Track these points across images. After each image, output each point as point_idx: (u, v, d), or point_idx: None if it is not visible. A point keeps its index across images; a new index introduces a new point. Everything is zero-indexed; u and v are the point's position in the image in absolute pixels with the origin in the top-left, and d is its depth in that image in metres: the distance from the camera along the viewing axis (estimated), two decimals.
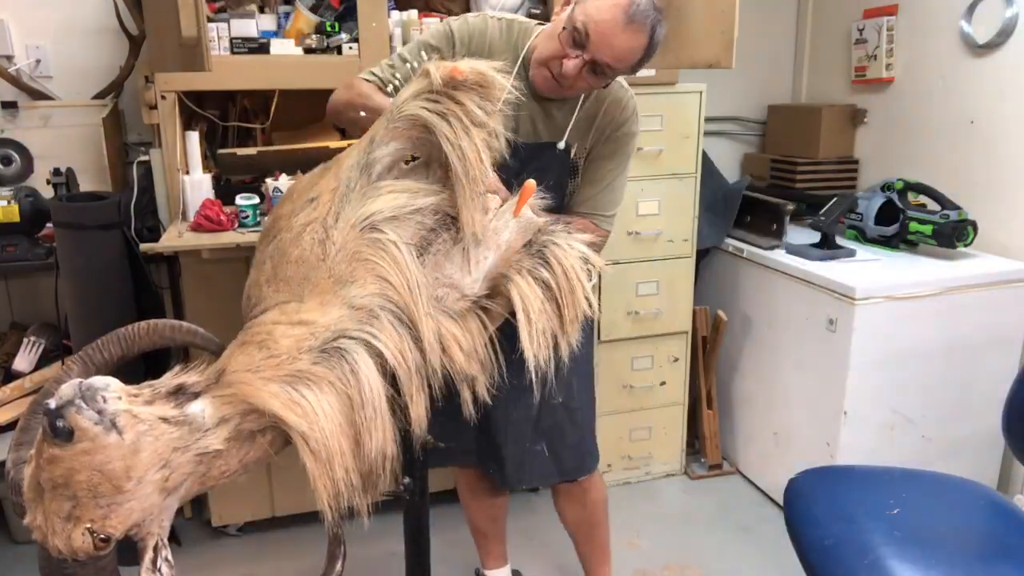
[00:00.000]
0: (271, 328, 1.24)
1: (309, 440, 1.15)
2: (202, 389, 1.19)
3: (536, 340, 1.37)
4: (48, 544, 1.07)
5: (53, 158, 2.55)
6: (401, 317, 1.26)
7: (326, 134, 2.60)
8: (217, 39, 2.23)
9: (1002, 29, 2.50)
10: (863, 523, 1.56)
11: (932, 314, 2.39)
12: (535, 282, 1.38)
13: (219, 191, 2.29)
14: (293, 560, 2.48)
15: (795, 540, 1.61)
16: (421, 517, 1.74)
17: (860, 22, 3.02)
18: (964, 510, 1.66)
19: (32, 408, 1.25)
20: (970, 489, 1.72)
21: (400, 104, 1.35)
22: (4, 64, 2.55)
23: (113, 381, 1.10)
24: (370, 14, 2.31)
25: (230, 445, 1.17)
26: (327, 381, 1.19)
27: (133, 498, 1.07)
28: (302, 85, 2.34)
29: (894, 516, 1.58)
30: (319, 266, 1.29)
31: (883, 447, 2.45)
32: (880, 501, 1.63)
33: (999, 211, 2.59)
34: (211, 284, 2.30)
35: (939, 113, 2.79)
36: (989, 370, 2.51)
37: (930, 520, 1.59)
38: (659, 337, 2.79)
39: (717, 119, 3.35)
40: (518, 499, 2.80)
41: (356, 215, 1.31)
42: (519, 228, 1.45)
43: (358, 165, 1.36)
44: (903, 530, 1.54)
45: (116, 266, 2.23)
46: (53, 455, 1.03)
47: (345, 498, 1.19)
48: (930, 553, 1.49)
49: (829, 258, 2.57)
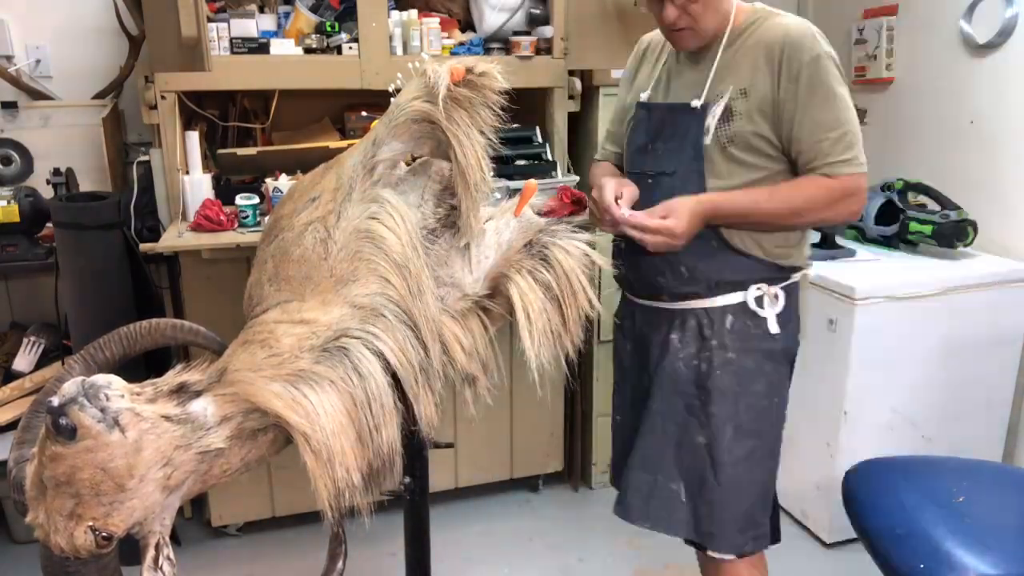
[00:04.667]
0: (273, 327, 1.24)
1: (311, 440, 1.15)
2: (204, 388, 1.19)
3: (536, 340, 1.37)
4: (50, 542, 1.07)
5: (53, 158, 2.55)
6: (403, 316, 1.26)
7: (326, 134, 2.60)
8: (217, 39, 2.23)
9: (1002, 29, 2.50)
10: (932, 512, 1.59)
11: (932, 314, 2.39)
12: (536, 283, 1.38)
13: (219, 191, 2.29)
14: (293, 560, 2.48)
15: (861, 530, 1.65)
16: (421, 517, 1.74)
17: (860, 22, 3.02)
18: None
19: (35, 406, 1.25)
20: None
21: (401, 104, 1.35)
22: (4, 64, 2.54)
23: (116, 379, 1.10)
24: (370, 14, 2.31)
25: (232, 443, 1.17)
26: (329, 380, 1.19)
27: (135, 496, 1.08)
28: (302, 85, 2.35)
29: (960, 505, 1.60)
30: (321, 265, 1.29)
31: (883, 447, 2.44)
32: (944, 490, 1.66)
33: (999, 211, 2.59)
34: (211, 284, 2.30)
35: (939, 113, 2.79)
36: (989, 370, 2.51)
37: (995, 508, 1.62)
38: None
39: None
40: (518, 499, 2.80)
41: (359, 215, 1.31)
42: (520, 228, 1.45)
43: (360, 165, 1.36)
44: (970, 518, 1.56)
45: (116, 266, 2.23)
46: (56, 453, 1.03)
47: (346, 497, 1.19)
48: (999, 541, 1.51)
49: (829, 258, 2.57)
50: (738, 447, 1.55)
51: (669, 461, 1.58)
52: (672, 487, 1.58)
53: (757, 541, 1.61)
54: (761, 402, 1.56)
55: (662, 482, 1.58)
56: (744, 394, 1.54)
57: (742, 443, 1.55)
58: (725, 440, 1.54)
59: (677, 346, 1.56)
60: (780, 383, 1.61)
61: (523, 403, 2.64)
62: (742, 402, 1.54)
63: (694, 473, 1.56)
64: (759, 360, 1.55)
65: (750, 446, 1.56)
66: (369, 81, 2.36)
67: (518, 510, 2.73)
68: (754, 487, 1.59)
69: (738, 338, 1.53)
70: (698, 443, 1.56)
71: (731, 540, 1.57)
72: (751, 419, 1.56)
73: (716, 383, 1.53)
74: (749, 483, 1.58)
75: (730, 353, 1.53)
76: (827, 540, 2.54)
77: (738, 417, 1.55)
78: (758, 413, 1.57)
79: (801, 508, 2.66)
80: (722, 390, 1.53)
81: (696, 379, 1.55)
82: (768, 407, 1.58)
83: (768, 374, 1.57)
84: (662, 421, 1.58)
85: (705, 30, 1.49)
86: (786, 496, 2.73)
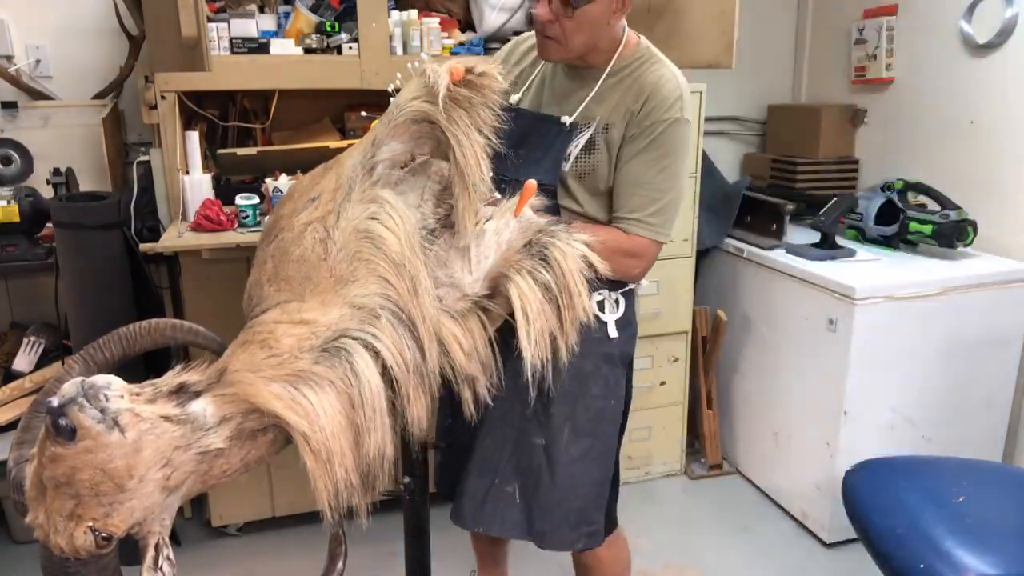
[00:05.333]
0: (272, 327, 1.24)
1: (310, 440, 1.15)
2: (204, 388, 1.19)
3: (535, 340, 1.37)
4: (50, 543, 1.07)
5: (53, 158, 2.55)
6: (401, 317, 1.26)
7: (326, 134, 2.60)
8: (217, 39, 2.23)
9: (1002, 29, 2.50)
10: (931, 511, 1.60)
11: (932, 314, 2.39)
12: (536, 283, 1.38)
13: (219, 191, 2.29)
14: (293, 560, 2.48)
15: (862, 529, 1.66)
16: (421, 517, 1.74)
17: (860, 22, 3.03)
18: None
19: (34, 407, 1.25)
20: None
21: (401, 104, 1.35)
22: (4, 64, 2.54)
23: (115, 380, 1.10)
24: (370, 14, 2.31)
25: (232, 444, 1.17)
26: (328, 381, 1.19)
27: (135, 496, 1.07)
28: (302, 85, 2.35)
29: (960, 504, 1.61)
30: (320, 265, 1.29)
31: (883, 447, 2.45)
32: (944, 489, 1.67)
33: (999, 211, 2.59)
34: (211, 284, 2.30)
35: (939, 113, 2.79)
36: (989, 370, 2.51)
37: (995, 508, 1.63)
38: (659, 337, 2.79)
39: (717, 119, 3.35)
40: None
41: (358, 215, 1.31)
42: (520, 228, 1.45)
43: (360, 165, 1.36)
44: (971, 518, 1.57)
45: (116, 266, 2.23)
46: (55, 453, 1.03)
47: (345, 498, 1.19)
48: (999, 541, 1.52)
49: (829, 258, 2.57)
50: (574, 446, 1.58)
51: (505, 464, 1.59)
52: (507, 489, 1.60)
53: (590, 538, 1.65)
54: (598, 403, 1.60)
55: (498, 485, 1.59)
56: (582, 395, 1.57)
57: (578, 442, 1.58)
58: (562, 440, 1.57)
59: None
60: (617, 385, 1.64)
61: None
62: (580, 403, 1.57)
63: (530, 474, 1.58)
64: (597, 362, 1.58)
65: (586, 445, 1.59)
66: (369, 81, 2.36)
67: None
68: (589, 487, 1.62)
69: (578, 341, 1.45)
70: (535, 444, 1.57)
71: (563, 537, 1.61)
72: (588, 419, 1.59)
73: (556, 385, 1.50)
74: (584, 482, 1.61)
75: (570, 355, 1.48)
76: (827, 540, 2.54)
77: (576, 418, 1.57)
78: (595, 414, 1.60)
79: (801, 508, 2.66)
80: (562, 392, 1.53)
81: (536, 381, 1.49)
82: (604, 408, 1.61)
83: (606, 376, 1.60)
84: (499, 427, 1.58)
85: (572, 48, 1.48)
86: (786, 496, 2.74)
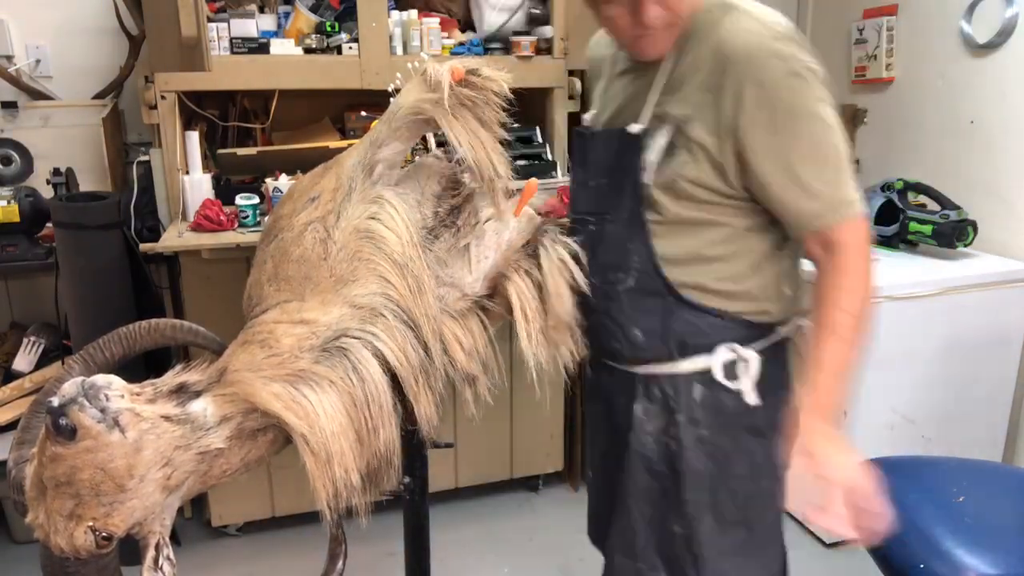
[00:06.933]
0: (272, 327, 1.24)
1: (309, 440, 1.15)
2: (204, 388, 1.19)
3: (534, 340, 1.37)
4: (50, 542, 1.07)
5: (53, 158, 2.55)
6: (403, 316, 1.26)
7: (326, 134, 2.60)
8: (217, 39, 2.24)
9: (1002, 29, 2.50)
10: (931, 512, 1.59)
11: (932, 314, 2.39)
12: (532, 283, 1.38)
13: (219, 191, 2.29)
14: (293, 560, 2.48)
15: None
16: (421, 517, 1.74)
17: (860, 22, 3.02)
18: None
19: (34, 406, 1.25)
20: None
21: (401, 104, 1.35)
22: (4, 64, 2.54)
23: (115, 379, 1.10)
24: (370, 14, 2.31)
25: (232, 444, 1.17)
26: (328, 380, 1.19)
27: (135, 496, 1.07)
28: (302, 85, 2.35)
29: (960, 504, 1.61)
30: (320, 265, 1.29)
31: (883, 447, 2.44)
32: (944, 489, 1.66)
33: (999, 211, 2.59)
34: (211, 284, 2.30)
35: (939, 113, 2.78)
36: (989, 370, 2.51)
37: (995, 508, 1.62)
38: None
39: None
40: (518, 499, 2.80)
41: (358, 215, 1.31)
42: (520, 228, 1.45)
43: (360, 165, 1.36)
44: (970, 518, 1.57)
45: (116, 266, 2.23)
46: (56, 453, 1.03)
47: (344, 498, 1.19)
48: (999, 541, 1.51)
49: None
50: (723, 540, 1.30)
51: (647, 547, 1.35)
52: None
53: None
54: (746, 486, 1.30)
55: (643, 570, 1.35)
56: (723, 478, 1.29)
57: (727, 535, 1.30)
58: (704, 531, 1.29)
59: (642, 418, 1.32)
60: (767, 461, 1.30)
61: (523, 403, 2.64)
62: (722, 488, 1.29)
63: (676, 564, 1.33)
64: (738, 437, 1.29)
65: (739, 538, 1.31)
66: (369, 81, 2.36)
67: (518, 510, 2.73)
68: None
69: (711, 413, 1.27)
70: (675, 532, 1.31)
71: None
72: (735, 507, 1.30)
73: (688, 465, 1.28)
74: None
75: (702, 430, 1.28)
76: (827, 540, 2.54)
77: (718, 505, 1.29)
78: (744, 500, 1.31)
79: None
80: (696, 473, 1.28)
81: (666, 459, 1.30)
82: (755, 492, 1.31)
83: (752, 453, 1.30)
84: (635, 503, 1.34)
85: (664, 34, 1.19)
86: None
